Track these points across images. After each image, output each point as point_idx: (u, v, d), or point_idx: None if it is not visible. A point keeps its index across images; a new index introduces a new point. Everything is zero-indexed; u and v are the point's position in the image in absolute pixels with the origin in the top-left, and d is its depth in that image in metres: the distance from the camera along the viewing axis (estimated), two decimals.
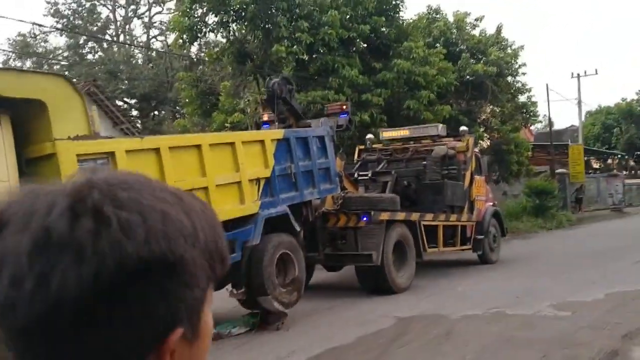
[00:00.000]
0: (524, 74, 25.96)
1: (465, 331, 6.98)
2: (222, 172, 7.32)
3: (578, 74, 35.69)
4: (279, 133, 8.39)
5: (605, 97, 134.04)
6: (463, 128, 14.26)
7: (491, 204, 14.57)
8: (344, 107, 10.45)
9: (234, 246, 7.40)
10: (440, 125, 13.90)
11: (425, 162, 12.51)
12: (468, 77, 20.81)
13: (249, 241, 7.53)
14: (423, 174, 12.35)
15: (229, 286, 7.81)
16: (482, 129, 22.00)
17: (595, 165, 40.14)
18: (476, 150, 14.26)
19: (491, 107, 22.75)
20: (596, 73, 39.52)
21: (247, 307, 8.13)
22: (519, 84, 23.78)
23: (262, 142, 8.00)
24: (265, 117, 10.78)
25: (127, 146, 6.28)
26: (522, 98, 24.33)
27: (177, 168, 6.73)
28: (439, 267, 12.94)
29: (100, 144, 6.05)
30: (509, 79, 23.04)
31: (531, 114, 25.17)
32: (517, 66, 23.18)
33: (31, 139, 5.65)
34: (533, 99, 24.87)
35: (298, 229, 8.39)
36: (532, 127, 32.91)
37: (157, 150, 6.56)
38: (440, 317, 7.82)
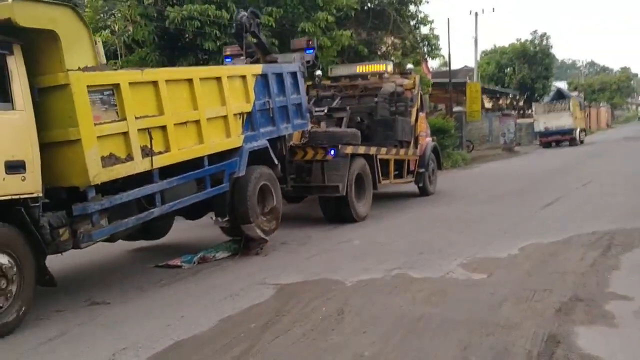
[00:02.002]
0: (427, 2, 23.40)
1: (361, 307, 5.56)
2: (211, 106, 7.52)
3: (476, 12, 36.09)
4: (257, 68, 8.60)
5: (501, 37, 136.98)
6: (409, 66, 14.86)
7: (430, 139, 15.44)
8: (310, 42, 10.70)
9: (222, 177, 7.73)
10: (388, 63, 14.40)
11: (376, 99, 13.02)
12: (369, 3, 19.40)
13: (234, 172, 7.86)
14: (375, 111, 12.88)
15: (212, 215, 8.18)
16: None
17: (488, 105, 40.89)
18: None
19: (392, 38, 21.14)
20: (493, 11, 40.76)
21: (229, 234, 8.54)
22: (422, 14, 21.97)
23: (243, 77, 8.21)
24: (228, 51, 10.86)
25: (130, 78, 6.37)
26: (424, 30, 22.74)
27: (173, 101, 6.89)
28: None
29: (107, 76, 6.11)
30: (412, 8, 21.33)
31: (433, 47, 23.20)
32: None
33: (42, 69, 5.64)
34: (435, 32, 23.30)
35: (276, 162, 8.78)
36: (429, 64, 31.04)
37: (155, 83, 6.68)
38: (332, 283, 6.44)
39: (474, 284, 6.25)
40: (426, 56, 23.95)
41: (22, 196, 5.34)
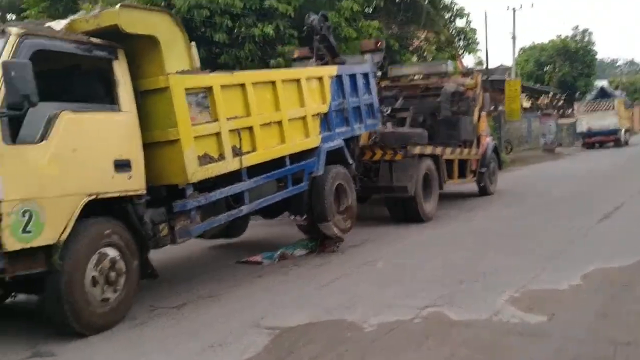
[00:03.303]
0: None
1: None
2: (292, 107, 7.71)
3: (514, 8, 35.07)
4: (333, 70, 8.76)
5: (540, 33, 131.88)
6: (470, 66, 14.80)
7: (490, 138, 15.40)
8: (379, 44, 10.82)
9: (301, 176, 7.91)
10: (449, 62, 14.42)
11: (439, 99, 13.05)
12: None
13: (313, 172, 8.04)
14: (437, 110, 12.91)
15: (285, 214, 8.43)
16: (414, 57, 19.00)
17: (526, 104, 39.01)
18: None
19: (425, 32, 19.39)
20: (532, 7, 39.56)
21: (306, 233, 8.72)
22: (457, 6, 20.23)
23: (320, 78, 8.38)
24: (297, 54, 11.07)
25: (221, 81, 6.60)
26: (459, 23, 20.82)
27: (258, 102, 7.10)
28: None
29: (202, 79, 6.35)
30: None
31: (470, 41, 21.22)
32: None
33: (142, 72, 5.90)
34: (472, 25, 21.61)
35: (350, 161, 8.92)
36: (464, 62, 28.70)
37: (242, 86, 6.91)
38: (346, 328, 5.10)
39: (531, 333, 4.72)
40: (463, 51, 22.07)
41: (128, 193, 5.61)
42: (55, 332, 5.27)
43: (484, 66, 29.30)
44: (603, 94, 36.07)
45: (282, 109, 7.48)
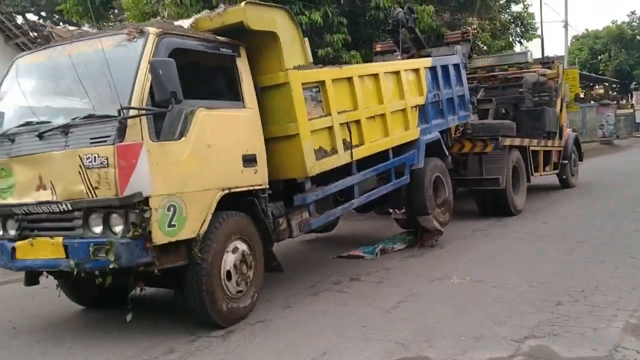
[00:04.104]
0: None
1: None
2: (393, 99, 7.70)
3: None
4: (427, 61, 8.71)
5: (593, 20, 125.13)
6: (552, 55, 14.46)
7: (571, 130, 15.05)
8: (465, 35, 10.71)
9: (403, 169, 7.90)
10: (529, 53, 14.15)
11: (521, 90, 12.81)
12: None
13: (414, 165, 8.01)
14: (520, 101, 12.68)
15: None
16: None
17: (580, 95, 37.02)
18: None
19: (479, 20, 17.92)
20: None
21: (404, 226, 8.70)
22: None
23: (417, 71, 8.34)
24: (379, 47, 11.05)
25: (332, 75, 6.65)
26: (515, 8, 19.83)
27: (364, 95, 7.12)
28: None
29: (317, 74, 6.42)
30: None
31: (528, 26, 20.00)
32: None
33: (262, 69, 5.99)
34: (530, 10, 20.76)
35: (447, 153, 8.86)
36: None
37: (350, 79, 6.94)
38: None
39: None
40: (520, 38, 20.66)
41: (255, 187, 5.71)
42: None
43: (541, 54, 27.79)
44: None
45: (385, 102, 7.49)
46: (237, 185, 5.51)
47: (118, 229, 4.75)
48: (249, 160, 5.65)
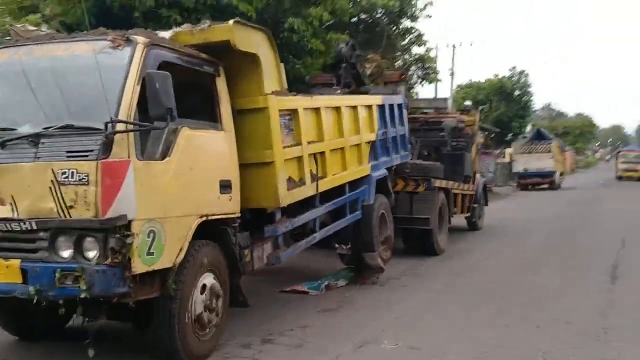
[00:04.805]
0: (429, 16, 18.43)
1: None
2: (351, 134, 7.64)
3: (453, 45, 35.51)
4: (379, 99, 8.76)
5: (477, 71, 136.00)
6: (467, 103, 15.18)
7: (479, 175, 15.79)
8: (403, 76, 10.94)
9: (356, 205, 7.80)
10: (448, 99, 14.77)
11: (442, 133, 13.26)
12: (363, 14, 15.99)
13: (365, 201, 7.95)
14: (443, 144, 13.10)
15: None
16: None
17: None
18: None
19: (382, 57, 16.07)
20: (471, 45, 40.37)
21: (346, 262, 8.58)
22: (417, 32, 18.81)
23: (370, 107, 8.36)
24: (317, 80, 11.00)
25: (303, 104, 6.47)
26: (417, 50, 19.53)
27: (328, 127, 7.00)
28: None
29: (290, 101, 6.21)
30: (408, 23, 17.98)
31: (429, 70, 19.88)
32: (421, 7, 17.51)
33: (239, 91, 5.69)
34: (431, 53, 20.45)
35: (391, 191, 8.90)
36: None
37: (317, 110, 6.80)
38: None
39: None
40: (421, 80, 20.36)
41: (229, 216, 5.36)
42: None
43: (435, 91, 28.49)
44: (539, 136, 36.11)
45: (345, 136, 7.40)
46: (214, 212, 5.13)
47: (91, 254, 4.23)
48: (225, 187, 5.30)
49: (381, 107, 8.76)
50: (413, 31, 18.69)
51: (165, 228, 4.51)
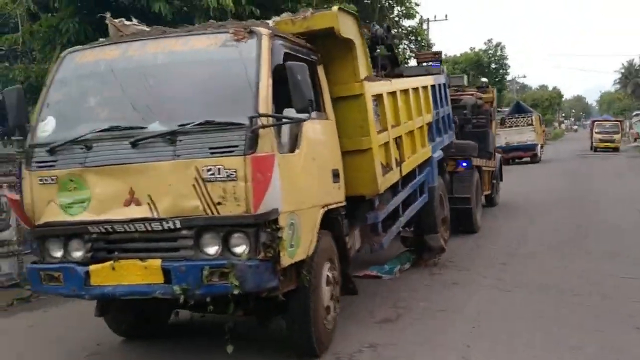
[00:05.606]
0: None
1: None
2: (416, 116, 7.64)
3: (428, 19, 34.10)
4: (431, 79, 8.75)
5: (454, 45, 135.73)
6: (484, 80, 15.27)
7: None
8: (436, 55, 10.94)
9: (424, 188, 7.82)
10: (464, 76, 14.83)
11: (465, 111, 13.33)
12: None
13: (430, 183, 7.98)
14: (467, 122, 13.17)
15: None
16: None
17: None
18: None
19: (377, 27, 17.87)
20: (446, 18, 40.50)
21: (408, 245, 8.61)
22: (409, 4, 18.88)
23: (426, 88, 8.35)
24: None
25: (387, 88, 6.45)
26: (409, 22, 19.77)
27: (402, 110, 7.00)
28: None
29: (377, 86, 6.17)
30: None
31: (423, 42, 20.32)
32: None
33: (334, 78, 5.64)
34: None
35: (446, 171, 8.95)
36: None
37: (394, 94, 6.78)
38: None
39: None
40: (414, 55, 19.45)
41: (339, 204, 5.34)
42: None
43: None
44: (518, 109, 34.90)
45: (413, 118, 7.40)
46: (331, 201, 5.11)
47: (239, 249, 4.17)
48: (336, 175, 5.28)
49: (433, 88, 8.76)
50: (406, 2, 18.30)
51: (301, 220, 4.48)
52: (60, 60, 4.88)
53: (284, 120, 4.30)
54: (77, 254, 4.48)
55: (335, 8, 5.28)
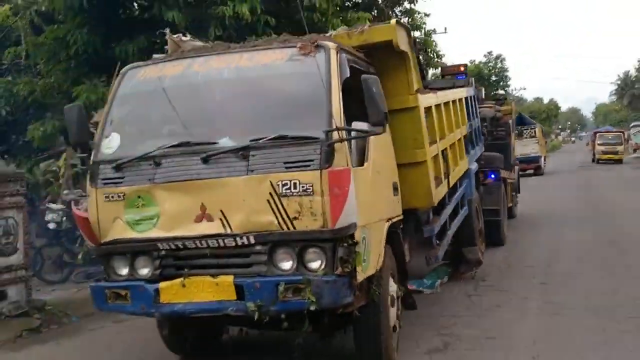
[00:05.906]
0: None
1: None
2: (455, 128, 7.61)
3: (430, 31, 35.14)
4: (464, 91, 8.74)
5: (454, 58, 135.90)
6: (501, 92, 15.27)
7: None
8: (462, 68, 10.94)
9: (464, 201, 7.78)
10: (482, 89, 14.84)
11: (486, 124, 13.32)
12: None
13: (468, 195, 7.94)
14: (488, 134, 13.14)
15: None
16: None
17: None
18: None
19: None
20: (445, 31, 40.68)
21: (447, 258, 8.53)
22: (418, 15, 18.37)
23: (461, 100, 8.34)
24: None
25: (434, 101, 6.43)
26: (416, 34, 18.81)
27: (446, 122, 6.97)
28: None
29: (429, 98, 6.15)
30: (406, 4, 17.28)
31: (434, 54, 20.17)
32: None
33: (387, 91, 5.57)
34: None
35: (480, 183, 8.92)
36: None
37: (438, 106, 6.75)
38: None
39: None
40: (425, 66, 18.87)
41: (399, 218, 5.29)
42: None
43: None
44: (521, 121, 32.30)
45: (454, 130, 7.38)
46: (392, 215, 5.06)
47: (315, 265, 4.12)
48: (395, 189, 5.23)
49: (466, 100, 8.75)
50: (414, 14, 17.87)
51: (371, 234, 4.44)
52: (121, 76, 4.84)
53: (358, 133, 4.25)
54: (144, 271, 4.42)
55: (393, 21, 5.28)
